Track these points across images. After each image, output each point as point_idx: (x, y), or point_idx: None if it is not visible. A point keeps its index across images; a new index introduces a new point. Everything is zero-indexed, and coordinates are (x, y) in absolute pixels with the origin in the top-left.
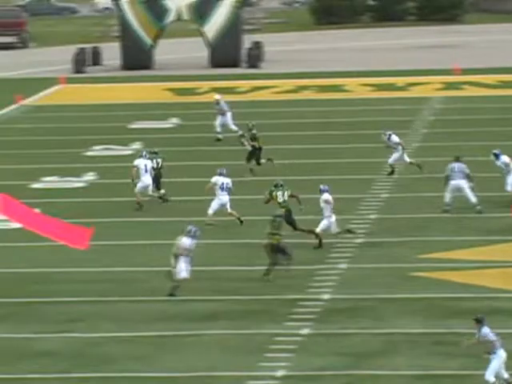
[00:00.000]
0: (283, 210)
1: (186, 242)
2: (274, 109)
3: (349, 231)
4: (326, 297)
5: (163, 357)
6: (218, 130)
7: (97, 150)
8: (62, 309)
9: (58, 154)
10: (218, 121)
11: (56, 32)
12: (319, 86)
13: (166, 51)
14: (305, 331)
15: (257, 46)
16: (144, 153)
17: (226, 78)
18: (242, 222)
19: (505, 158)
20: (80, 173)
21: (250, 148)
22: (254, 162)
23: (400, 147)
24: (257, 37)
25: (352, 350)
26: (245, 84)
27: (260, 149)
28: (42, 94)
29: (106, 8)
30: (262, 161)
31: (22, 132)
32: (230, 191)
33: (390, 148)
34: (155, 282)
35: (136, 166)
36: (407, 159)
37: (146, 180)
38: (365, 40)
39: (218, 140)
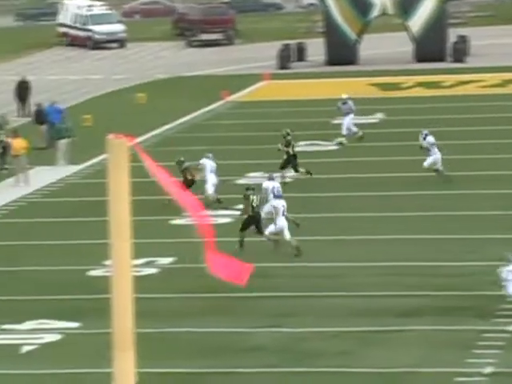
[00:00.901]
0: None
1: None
2: (479, 103)
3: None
4: None
5: (368, 352)
6: (344, 132)
7: (302, 146)
8: (273, 303)
9: (263, 149)
10: (346, 122)
11: (261, 28)
12: None
13: (371, 46)
14: None
15: (462, 39)
16: (210, 155)
17: (431, 72)
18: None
19: None
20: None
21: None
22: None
23: (436, 149)
24: (462, 31)
25: None
26: (450, 78)
27: (295, 156)
28: (247, 90)
29: (311, 4)
30: (301, 169)
31: (227, 128)
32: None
33: (424, 149)
34: (358, 278)
35: (201, 165)
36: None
37: (212, 179)
38: None
39: (340, 144)
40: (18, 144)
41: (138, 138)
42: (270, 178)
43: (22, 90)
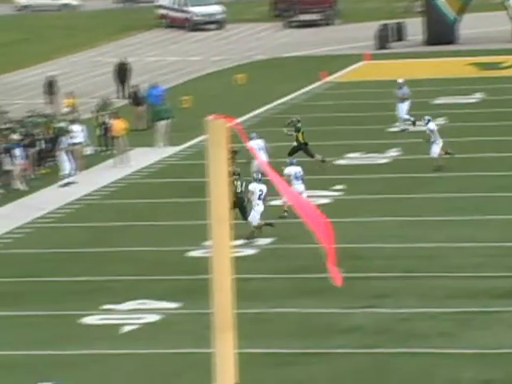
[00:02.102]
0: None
1: None
2: None
3: (269, 224)
4: None
5: (468, 333)
6: (406, 117)
7: (399, 126)
8: (371, 284)
9: (362, 130)
10: (400, 110)
11: (360, 8)
12: None
13: (470, 25)
14: None
15: None
16: (253, 134)
17: None
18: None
19: None
20: (384, 149)
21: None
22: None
23: (436, 136)
24: None
25: None
26: None
27: (306, 144)
28: (345, 70)
29: None
30: (318, 156)
31: (325, 108)
32: (303, 179)
33: (427, 135)
34: (457, 258)
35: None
36: (435, 154)
37: (262, 157)
38: None
39: (403, 131)
40: (118, 125)
41: (238, 119)
42: (291, 164)
43: (122, 72)
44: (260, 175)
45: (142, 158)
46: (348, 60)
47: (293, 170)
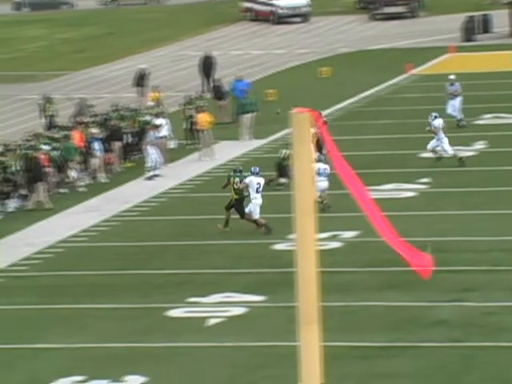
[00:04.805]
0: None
1: None
2: None
3: (266, 226)
4: None
5: None
6: (459, 116)
7: (487, 119)
8: (457, 278)
9: (447, 123)
10: (450, 108)
11: (446, 0)
12: None
13: None
14: None
15: None
16: None
17: None
18: (328, 207)
19: None
20: (470, 141)
21: None
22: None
23: (442, 133)
24: None
25: None
26: None
27: None
28: (430, 63)
29: None
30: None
31: (410, 101)
32: (328, 176)
33: (432, 132)
34: None
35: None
36: (449, 150)
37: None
38: None
39: (461, 126)
40: (203, 119)
41: (322, 112)
42: (319, 160)
43: (207, 66)
44: (258, 169)
45: (226, 152)
46: (433, 52)
47: (317, 166)
